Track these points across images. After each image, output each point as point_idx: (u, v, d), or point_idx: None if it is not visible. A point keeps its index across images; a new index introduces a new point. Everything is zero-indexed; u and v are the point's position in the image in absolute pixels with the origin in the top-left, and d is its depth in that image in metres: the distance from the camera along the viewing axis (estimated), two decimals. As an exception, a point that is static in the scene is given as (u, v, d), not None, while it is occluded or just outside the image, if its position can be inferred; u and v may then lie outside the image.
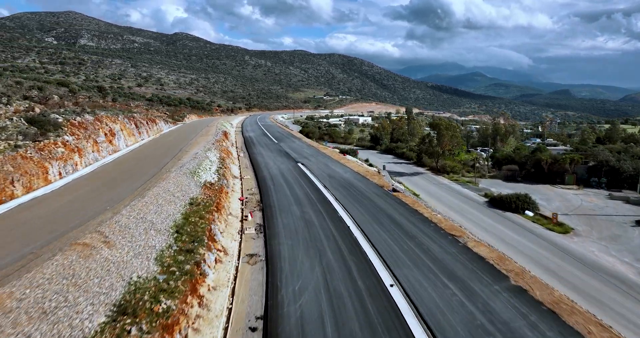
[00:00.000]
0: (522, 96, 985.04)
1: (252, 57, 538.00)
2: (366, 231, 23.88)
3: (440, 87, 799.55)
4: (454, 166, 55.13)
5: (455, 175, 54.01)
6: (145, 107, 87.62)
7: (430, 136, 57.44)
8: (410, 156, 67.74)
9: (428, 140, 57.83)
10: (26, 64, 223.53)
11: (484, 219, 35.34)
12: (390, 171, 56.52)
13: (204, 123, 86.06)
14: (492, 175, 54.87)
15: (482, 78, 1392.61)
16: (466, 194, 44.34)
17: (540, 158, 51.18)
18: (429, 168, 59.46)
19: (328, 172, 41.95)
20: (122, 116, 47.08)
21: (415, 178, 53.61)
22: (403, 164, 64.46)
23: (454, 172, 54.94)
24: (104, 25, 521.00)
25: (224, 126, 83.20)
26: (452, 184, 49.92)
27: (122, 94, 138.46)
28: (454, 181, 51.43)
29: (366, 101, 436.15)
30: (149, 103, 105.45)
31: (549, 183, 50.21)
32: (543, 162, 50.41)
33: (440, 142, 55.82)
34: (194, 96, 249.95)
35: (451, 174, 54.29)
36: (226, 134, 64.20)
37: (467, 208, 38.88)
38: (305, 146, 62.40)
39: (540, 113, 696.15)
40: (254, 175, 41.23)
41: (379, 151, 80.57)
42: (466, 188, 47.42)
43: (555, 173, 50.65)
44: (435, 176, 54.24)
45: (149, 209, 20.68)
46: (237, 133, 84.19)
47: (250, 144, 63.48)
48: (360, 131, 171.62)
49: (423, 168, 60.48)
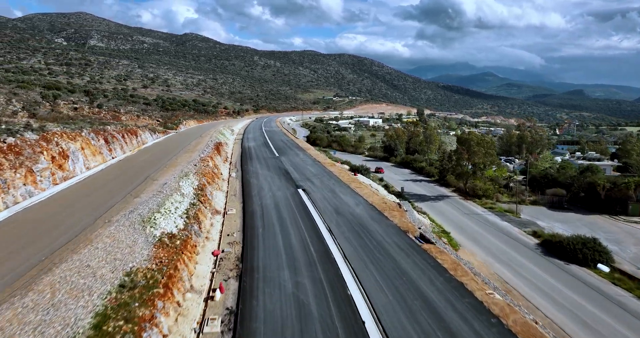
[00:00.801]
0: (535, 97, 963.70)
1: (261, 58, 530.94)
2: (390, 333, 14.97)
3: (451, 88, 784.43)
4: (486, 189, 45.67)
5: (489, 200, 44.59)
6: (137, 114, 79.60)
7: (458, 152, 47.98)
8: (430, 172, 58.51)
9: (455, 158, 48.36)
10: (31, 65, 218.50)
11: (543, 278, 26.04)
12: (410, 194, 47.34)
13: (200, 131, 77.78)
14: (532, 199, 45.36)
15: (493, 78, 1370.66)
16: (509, 232, 34.94)
17: (594, 182, 41.52)
18: (455, 189, 50.17)
19: (335, 204, 32.98)
20: (87, 130, 38.72)
21: (440, 203, 44.33)
22: (423, 183, 55.20)
23: (487, 196, 45.54)
24: (114, 25, 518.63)
25: (221, 134, 74.76)
26: (488, 214, 40.54)
27: (121, 96, 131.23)
28: (489, 209, 42.04)
29: (376, 102, 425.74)
30: (144, 108, 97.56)
31: (606, 213, 40.62)
32: (599, 187, 40.78)
33: (471, 161, 46.33)
34: (200, 98, 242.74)
35: (483, 199, 44.89)
36: (219, 147, 55.58)
37: (516, 256, 29.57)
38: (309, 161, 53.55)
39: (555, 114, 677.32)
40: (242, 208, 32.46)
41: (393, 164, 71.34)
42: (506, 221, 38.03)
43: (614, 199, 41.02)
44: (464, 202, 44.89)
45: (18, 329, 11.88)
46: (237, 142, 75.68)
47: (247, 159, 54.80)
48: (371, 135, 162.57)
49: (447, 188, 51.20)
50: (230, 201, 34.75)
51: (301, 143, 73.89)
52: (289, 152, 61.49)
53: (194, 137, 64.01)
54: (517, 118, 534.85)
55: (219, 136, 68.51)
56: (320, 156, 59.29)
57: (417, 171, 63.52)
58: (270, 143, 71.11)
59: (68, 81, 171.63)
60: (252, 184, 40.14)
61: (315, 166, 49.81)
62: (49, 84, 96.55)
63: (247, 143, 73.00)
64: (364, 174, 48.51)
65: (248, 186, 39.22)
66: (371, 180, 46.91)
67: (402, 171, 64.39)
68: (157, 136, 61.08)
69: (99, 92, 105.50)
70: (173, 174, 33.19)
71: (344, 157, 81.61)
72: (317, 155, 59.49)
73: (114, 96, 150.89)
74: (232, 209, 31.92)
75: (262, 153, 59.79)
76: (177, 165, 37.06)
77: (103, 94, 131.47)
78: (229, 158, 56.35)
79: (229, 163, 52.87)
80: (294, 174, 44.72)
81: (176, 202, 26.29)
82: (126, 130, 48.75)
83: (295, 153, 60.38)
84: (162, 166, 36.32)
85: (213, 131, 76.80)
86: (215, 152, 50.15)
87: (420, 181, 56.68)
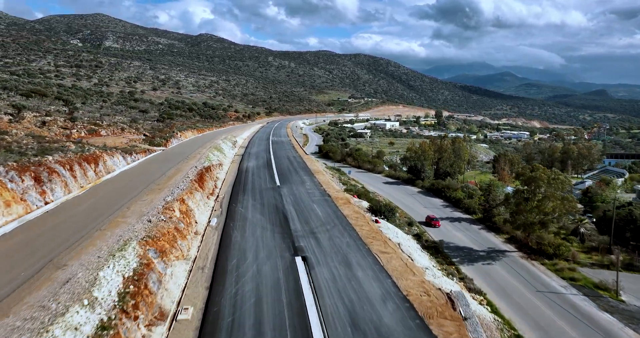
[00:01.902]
0: (555, 97, 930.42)
1: (275, 58, 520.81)
2: None
3: (469, 88, 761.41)
4: (558, 244, 32.66)
5: (563, 262, 31.68)
6: (123, 126, 68.75)
7: (522, 196, 34.75)
8: (470, 206, 45.82)
9: (515, 202, 35.12)
10: (39, 67, 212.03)
11: None
12: (451, 246, 34.75)
13: (194, 146, 66.54)
14: (629, 258, 32.28)
15: (511, 78, 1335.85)
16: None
17: None
18: (509, 238, 37.46)
19: (350, 299, 20.69)
20: (5, 167, 27.51)
21: (495, 267, 31.64)
22: (464, 225, 42.48)
23: (558, 254, 32.67)
24: (130, 27, 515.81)
25: (218, 151, 63.29)
26: (572, 292, 27.70)
27: (120, 102, 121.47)
28: (570, 280, 29.16)
29: (393, 103, 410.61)
30: (137, 117, 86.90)
31: None
32: None
33: (542, 208, 32.92)
34: (211, 100, 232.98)
35: (555, 260, 32.04)
36: (205, 175, 43.87)
37: None
38: (317, 194, 41.39)
39: (577, 115, 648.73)
40: (205, 304, 20.59)
41: (420, 189, 58.61)
42: (606, 310, 25.17)
43: None
44: (529, 265, 32.10)
45: None
46: (235, 161, 64.12)
47: (240, 191, 43.05)
48: (389, 143, 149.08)
49: (498, 236, 38.47)
50: (193, 284, 22.85)
51: (310, 162, 61.74)
52: (294, 178, 49.42)
53: (180, 158, 52.55)
54: (539, 120, 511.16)
55: (212, 155, 56.89)
56: (332, 185, 47.01)
57: (452, 203, 50.82)
58: (274, 163, 59.18)
59: (74, 84, 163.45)
60: (234, 245, 28.22)
61: (323, 205, 37.63)
62: (35, 90, 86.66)
63: (247, 162, 61.26)
64: (389, 219, 36.08)
65: (226, 250, 27.29)
66: (398, 228, 34.48)
67: (433, 202, 51.75)
68: (135, 157, 49.75)
69: (97, 96, 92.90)
70: (102, 248, 21.44)
71: (360, 177, 69.29)
72: (327, 184, 47.22)
73: (118, 99, 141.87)
74: (186, 310, 20.00)
75: (260, 180, 47.89)
76: (120, 224, 25.32)
77: (102, 98, 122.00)
78: (217, 189, 44.62)
79: (215, 197, 41.15)
80: (294, 222, 32.66)
81: (69, 329, 14.47)
82: (82, 158, 37.40)
83: (301, 180, 48.25)
84: (97, 228, 24.63)
85: (209, 147, 65.33)
86: (196, 186, 38.43)
87: (458, 220, 44.01)
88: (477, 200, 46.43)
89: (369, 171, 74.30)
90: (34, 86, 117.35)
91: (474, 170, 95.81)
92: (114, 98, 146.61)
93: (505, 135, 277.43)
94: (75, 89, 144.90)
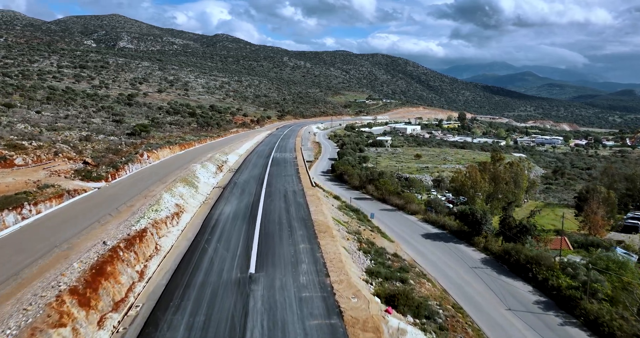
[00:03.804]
0: (580, 98, 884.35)
1: (290, 58, 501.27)
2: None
3: (491, 88, 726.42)
4: None
5: None
6: (65, 146, 49.50)
7: None
8: (592, 312, 24.50)
9: None
10: (40, 68, 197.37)
11: None
12: None
13: (160, 174, 47.06)
14: None
15: (533, 78, 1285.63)
16: None
17: None
18: None
19: None
20: None
21: None
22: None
23: None
24: (145, 27, 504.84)
25: (189, 184, 43.47)
26: None
27: (105, 107, 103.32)
28: None
29: (412, 105, 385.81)
30: (102, 128, 67.85)
31: None
32: None
33: None
34: (220, 102, 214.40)
35: None
36: (113, 262, 23.75)
37: None
38: (319, 313, 20.75)
39: (606, 117, 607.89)
40: None
41: (483, 255, 37.14)
42: None
43: None
44: None
45: None
46: (212, 198, 44.20)
47: (177, 292, 22.98)
48: (415, 156, 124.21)
49: None
50: None
51: (316, 205, 40.87)
52: (284, 249, 28.81)
53: (111, 207, 32.78)
54: (568, 122, 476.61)
55: (169, 198, 36.84)
56: (345, 270, 26.11)
57: (542, 288, 29.54)
58: (261, 209, 38.72)
59: (68, 86, 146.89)
60: None
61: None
62: None
63: (224, 204, 40.98)
64: None
65: None
66: None
67: (516, 291, 30.35)
68: (27, 213, 30.16)
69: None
70: None
71: (387, 220, 48.32)
72: (338, 266, 26.42)
73: (110, 104, 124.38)
74: None
75: (226, 257, 27.66)
76: None
77: (83, 104, 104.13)
78: (142, 281, 24.33)
79: (127, 308, 20.94)
80: None
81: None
82: None
83: (295, 256, 27.64)
84: None
85: (177, 177, 45.50)
86: (69, 308, 18.25)
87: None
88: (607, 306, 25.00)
89: (398, 209, 53.19)
90: (14, 89, 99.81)
91: (531, 199, 73.40)
92: (109, 101, 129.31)
93: (538, 140, 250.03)
94: (63, 92, 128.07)
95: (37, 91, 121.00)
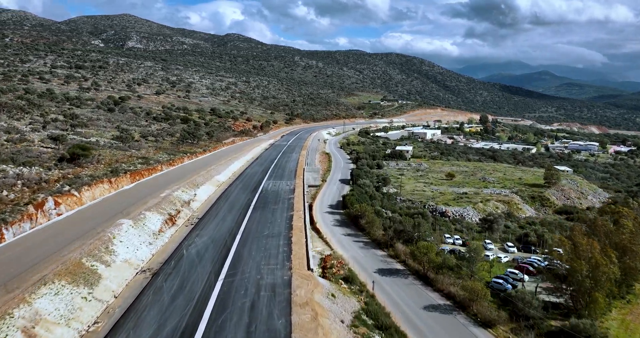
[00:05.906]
0: (601, 97, 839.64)
1: (302, 58, 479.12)
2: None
3: (509, 88, 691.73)
4: None
5: None
6: None
7: None
8: None
9: None
10: (30, 68, 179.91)
11: None
12: None
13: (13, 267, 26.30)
14: None
15: (550, 77, 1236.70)
16: None
17: None
18: None
19: None
20: None
21: None
22: None
23: None
24: (156, 27, 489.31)
25: (67, 293, 22.30)
26: None
27: (74, 116, 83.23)
28: None
29: (430, 107, 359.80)
30: (30, 153, 47.21)
31: None
32: None
33: None
34: (224, 105, 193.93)
35: None
36: None
37: None
38: None
39: (633, 118, 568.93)
40: None
41: None
42: None
43: None
44: None
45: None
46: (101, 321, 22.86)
47: None
48: (447, 176, 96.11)
49: None
50: None
51: None
52: None
53: None
54: (597, 125, 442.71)
55: None
56: None
57: None
58: None
59: (47, 89, 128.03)
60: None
61: None
62: None
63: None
64: None
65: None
66: None
67: None
68: None
69: (59, 104, 50.56)
70: None
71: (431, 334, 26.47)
72: None
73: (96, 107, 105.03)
74: None
75: None
76: None
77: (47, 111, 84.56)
78: None
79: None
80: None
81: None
82: None
83: None
84: None
85: (51, 272, 24.46)
86: None
87: None
88: None
89: (455, 306, 30.88)
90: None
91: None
92: (91, 106, 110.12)
93: (571, 146, 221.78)
94: (38, 96, 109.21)
95: (4, 94, 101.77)
